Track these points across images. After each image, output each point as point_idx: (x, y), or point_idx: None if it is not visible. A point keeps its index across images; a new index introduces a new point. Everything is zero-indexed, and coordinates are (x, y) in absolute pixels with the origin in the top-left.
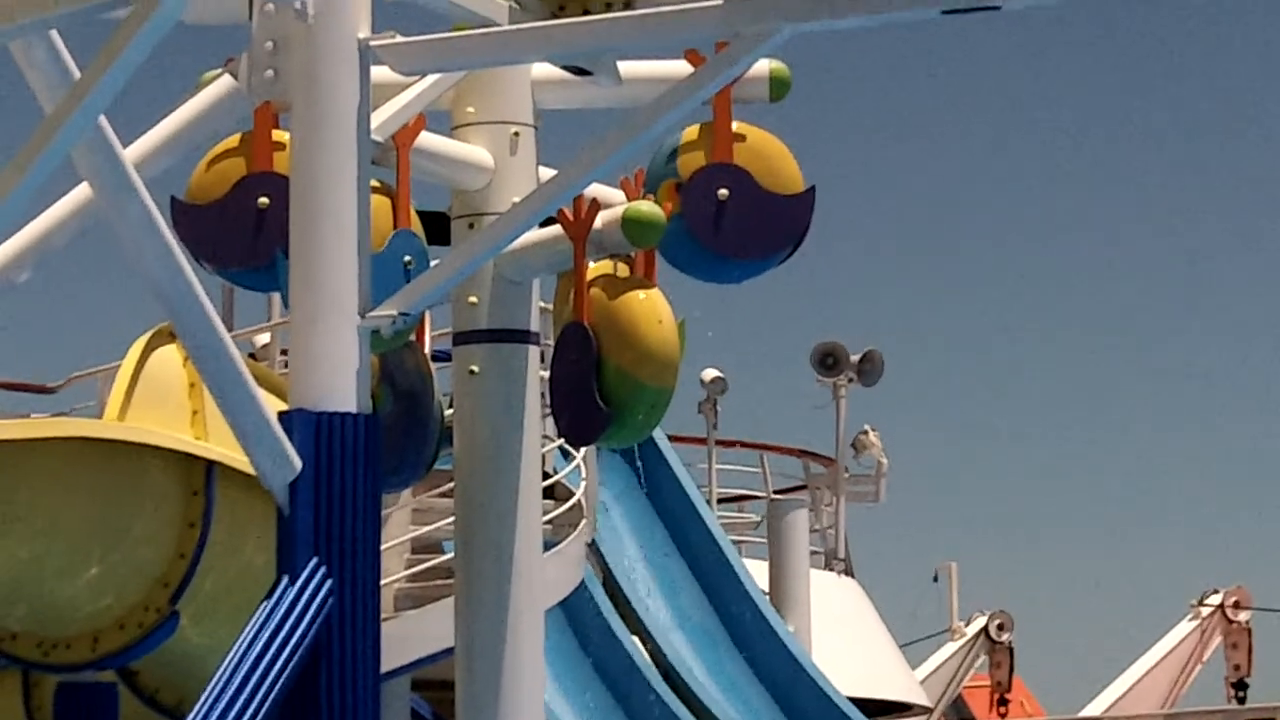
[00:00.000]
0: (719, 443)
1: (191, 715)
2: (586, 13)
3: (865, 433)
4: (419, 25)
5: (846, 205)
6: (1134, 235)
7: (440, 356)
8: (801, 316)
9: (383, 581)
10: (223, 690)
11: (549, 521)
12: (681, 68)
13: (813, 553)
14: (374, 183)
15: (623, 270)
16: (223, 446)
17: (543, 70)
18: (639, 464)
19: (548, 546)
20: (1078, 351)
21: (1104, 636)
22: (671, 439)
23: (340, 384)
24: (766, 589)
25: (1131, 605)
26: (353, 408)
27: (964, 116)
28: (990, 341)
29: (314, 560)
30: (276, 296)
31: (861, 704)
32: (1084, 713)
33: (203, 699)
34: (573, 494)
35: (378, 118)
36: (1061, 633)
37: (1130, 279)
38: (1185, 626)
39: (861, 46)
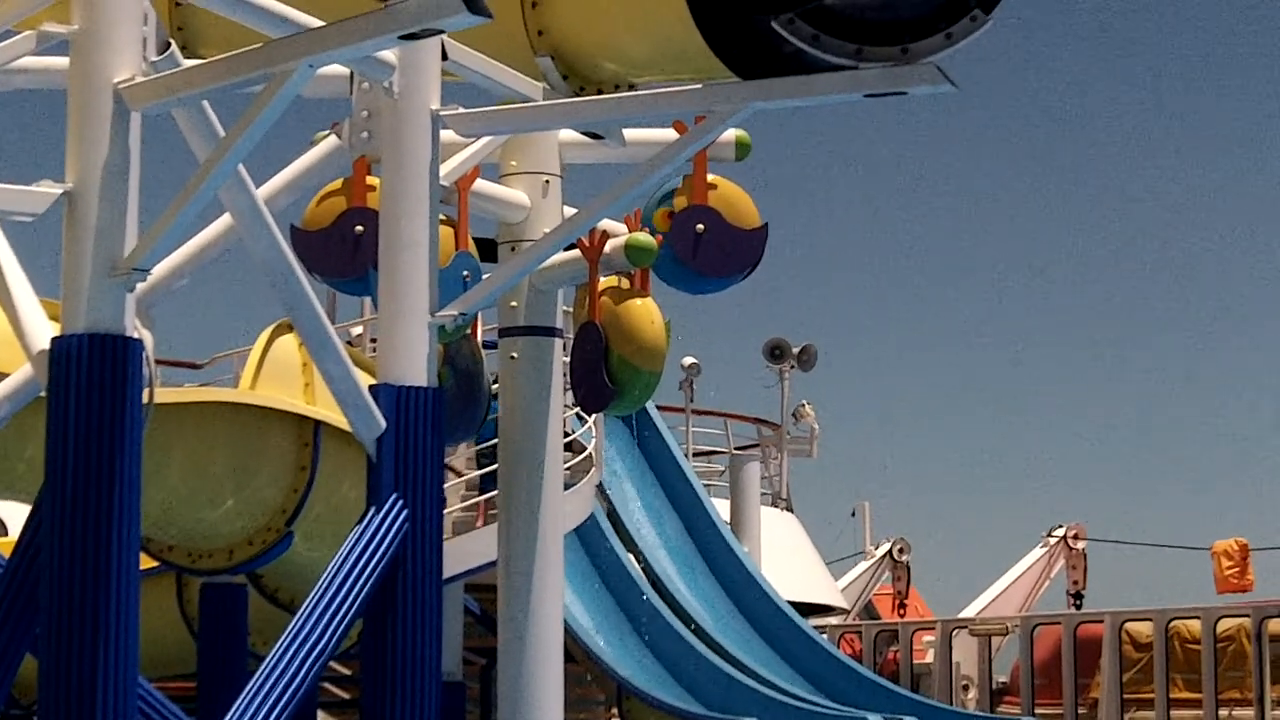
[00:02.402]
0: (694, 411)
1: (302, 609)
2: (600, 93)
3: (803, 406)
4: (476, 100)
5: (793, 235)
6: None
7: (489, 345)
8: (757, 319)
9: (445, 511)
10: (325, 591)
11: (568, 468)
12: (670, 134)
13: (763, 494)
14: (441, 216)
15: (625, 284)
16: (327, 410)
17: (567, 134)
18: (635, 426)
19: (567, 486)
20: (958, 351)
21: (978, 558)
22: (659, 408)
23: (415, 365)
24: (729, 520)
25: (998, 534)
26: (424, 383)
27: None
28: (899, 343)
29: (394, 495)
30: (369, 300)
31: (797, 606)
32: (962, 614)
33: (311, 597)
34: (585, 448)
35: (445, 168)
36: (946, 555)
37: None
38: (1037, 551)
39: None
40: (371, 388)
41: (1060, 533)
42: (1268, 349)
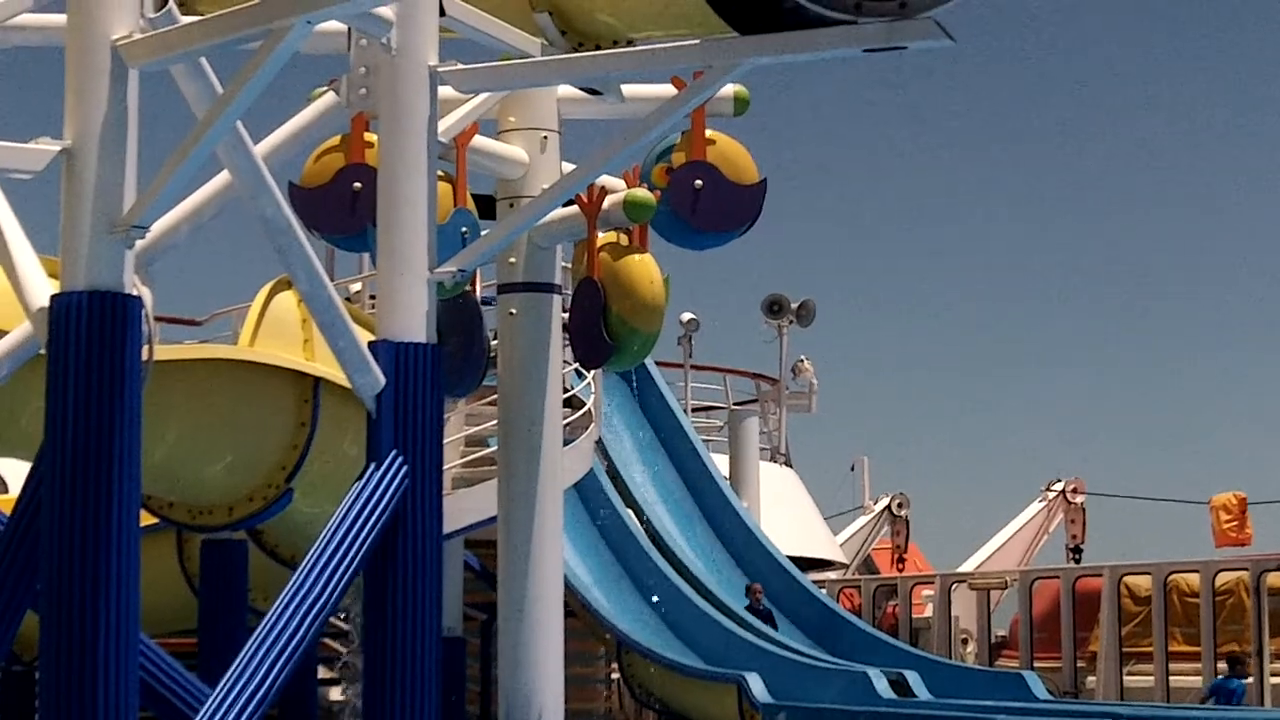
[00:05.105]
0: (693, 367)
1: (303, 565)
2: (598, 48)
3: (801, 361)
4: (474, 56)
5: (792, 190)
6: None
7: (488, 302)
8: (755, 274)
9: (444, 467)
10: (326, 547)
11: (567, 424)
12: (669, 90)
13: (761, 449)
14: (439, 173)
15: (624, 240)
16: (326, 367)
17: (565, 90)
18: (634, 382)
19: (566, 442)
20: (955, 307)
21: (976, 512)
22: (658, 364)
23: (414, 321)
24: (727, 475)
25: (997, 489)
26: (423, 339)
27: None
28: (897, 298)
29: (394, 451)
30: (367, 256)
31: (796, 560)
32: (961, 569)
33: (311, 553)
34: (584, 404)
35: (443, 124)
36: (945, 509)
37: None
38: (1036, 505)
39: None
40: (371, 344)
41: (1059, 487)
42: (1267, 303)
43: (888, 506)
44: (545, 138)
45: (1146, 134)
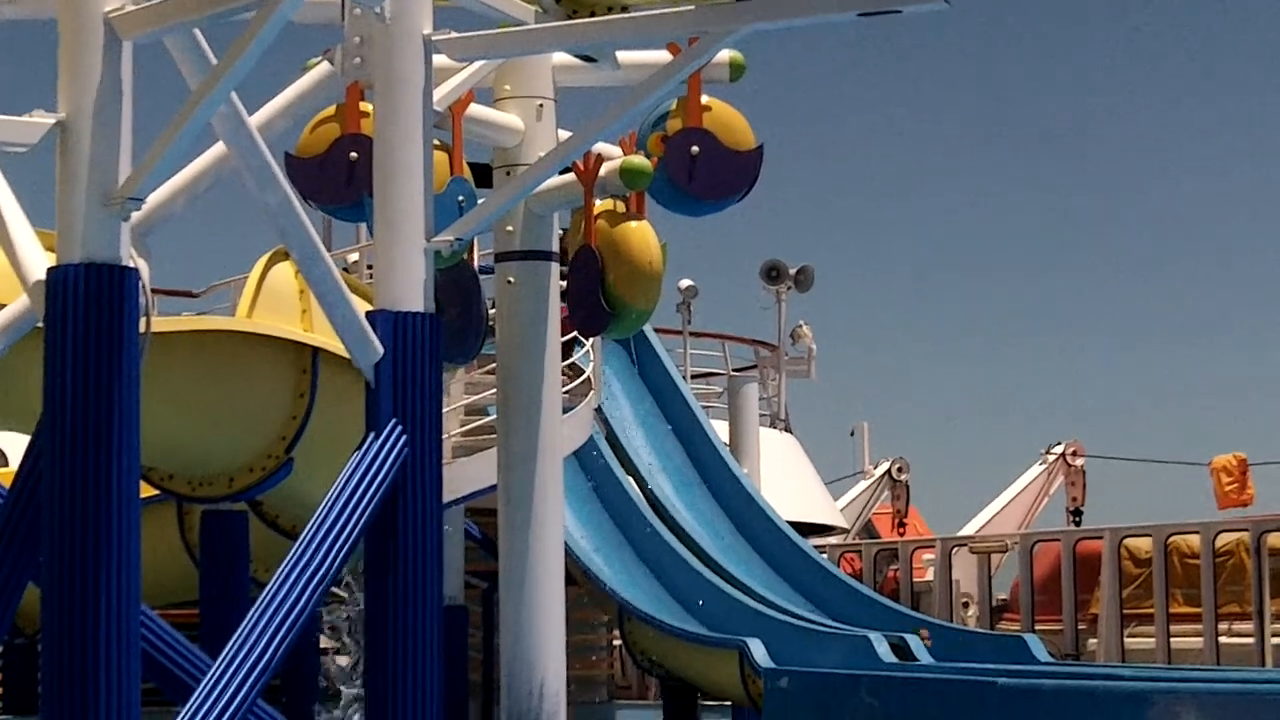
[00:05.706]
0: (692, 334)
1: (303, 535)
2: (593, 15)
3: (800, 327)
4: (469, 24)
5: (789, 156)
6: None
7: (486, 270)
8: (753, 240)
9: (444, 436)
10: (326, 517)
11: (566, 392)
12: (664, 56)
13: (761, 415)
14: (435, 142)
15: (620, 207)
16: (325, 337)
17: (560, 58)
18: (633, 349)
19: (565, 410)
20: (953, 272)
21: (976, 476)
22: (657, 330)
23: (411, 291)
24: (727, 442)
25: (997, 452)
26: (420, 308)
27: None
28: (896, 263)
29: (393, 421)
30: (364, 226)
31: (797, 526)
32: (962, 532)
33: (311, 523)
34: (583, 371)
35: (438, 93)
36: (945, 473)
37: (989, 228)
38: (1036, 468)
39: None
40: (369, 314)
41: (1059, 450)
42: (1265, 262)
43: (888, 471)
44: (541, 105)
45: (1146, 106)
